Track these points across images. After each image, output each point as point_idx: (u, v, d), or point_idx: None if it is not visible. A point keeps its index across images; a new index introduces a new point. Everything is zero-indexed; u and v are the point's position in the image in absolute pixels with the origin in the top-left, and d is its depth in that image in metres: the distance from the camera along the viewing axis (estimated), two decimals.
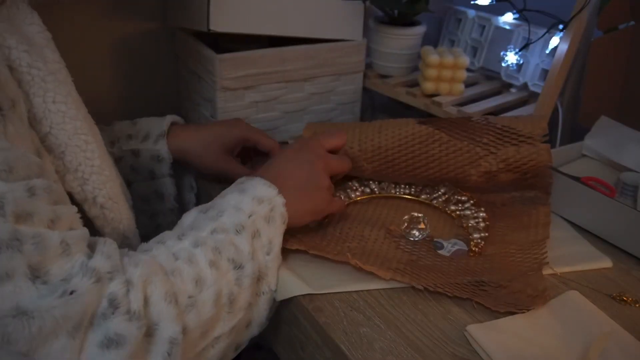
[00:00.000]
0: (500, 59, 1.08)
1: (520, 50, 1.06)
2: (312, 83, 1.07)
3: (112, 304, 0.53)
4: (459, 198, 0.87)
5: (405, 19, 1.12)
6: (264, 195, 0.70)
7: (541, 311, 0.67)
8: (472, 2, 1.13)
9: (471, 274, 0.72)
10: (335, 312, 0.67)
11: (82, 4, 1.04)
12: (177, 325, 0.57)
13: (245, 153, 0.95)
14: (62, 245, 0.53)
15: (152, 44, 1.14)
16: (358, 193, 0.89)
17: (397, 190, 0.90)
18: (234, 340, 0.66)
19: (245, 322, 0.67)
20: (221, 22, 0.96)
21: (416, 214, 0.81)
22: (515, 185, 0.88)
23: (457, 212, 0.86)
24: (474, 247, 0.78)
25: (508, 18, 1.13)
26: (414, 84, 1.12)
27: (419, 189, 0.90)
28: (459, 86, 1.06)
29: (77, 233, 0.56)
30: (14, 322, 0.49)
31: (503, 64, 1.08)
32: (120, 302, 0.54)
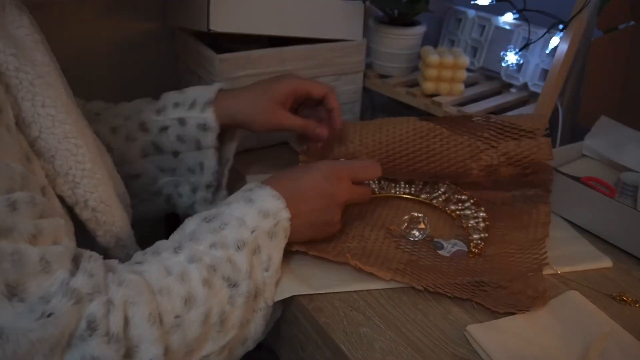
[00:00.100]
0: (500, 59, 1.08)
1: (520, 50, 1.06)
2: None
3: (90, 326, 0.52)
4: (459, 197, 0.87)
5: (405, 19, 1.12)
6: (270, 208, 0.68)
7: (541, 311, 0.67)
8: (472, 2, 1.13)
9: (471, 274, 0.72)
10: (335, 312, 0.67)
11: (82, 4, 1.04)
12: (158, 347, 0.56)
13: (306, 106, 0.92)
14: (42, 263, 0.52)
15: (152, 44, 1.14)
16: None
17: (397, 190, 0.90)
18: (227, 357, 0.65)
19: (240, 340, 0.66)
20: (221, 22, 0.96)
21: (416, 214, 0.81)
22: (515, 182, 0.88)
23: (457, 211, 0.86)
24: (474, 248, 0.78)
25: (508, 18, 1.13)
26: (414, 84, 1.11)
27: (418, 188, 0.90)
28: (459, 86, 1.06)
29: (59, 249, 0.54)
30: None
31: (503, 64, 1.08)
32: (99, 323, 0.52)
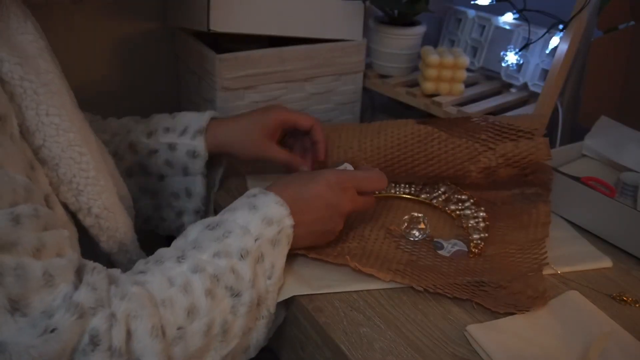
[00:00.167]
0: (500, 59, 1.08)
1: (520, 50, 1.06)
2: (312, 83, 1.07)
3: (92, 340, 0.52)
4: (459, 197, 0.87)
5: (405, 19, 1.12)
6: (274, 215, 0.68)
7: (541, 311, 0.67)
8: (472, 2, 1.13)
9: (471, 274, 0.72)
10: (335, 312, 0.67)
11: (83, 4, 1.04)
12: (161, 359, 0.56)
13: (291, 136, 0.93)
14: (45, 277, 0.51)
15: (152, 44, 1.14)
16: None
17: (397, 190, 0.90)
18: None
19: (242, 348, 0.65)
20: (221, 22, 0.96)
21: (416, 214, 0.81)
22: (515, 182, 0.88)
23: (457, 211, 0.86)
24: (474, 248, 0.78)
25: (508, 18, 1.13)
26: (414, 84, 1.12)
27: (418, 188, 0.90)
28: (459, 86, 1.06)
29: (62, 262, 0.54)
30: None
31: (503, 64, 1.08)
32: (101, 338, 0.52)
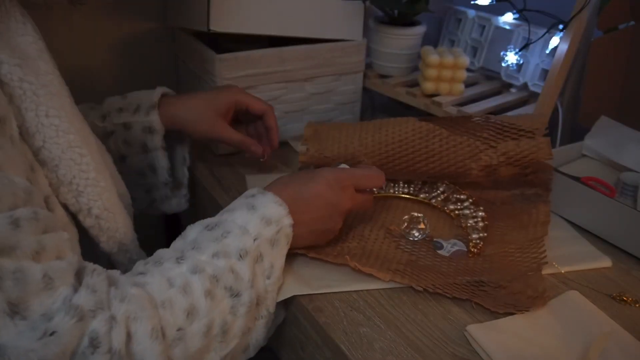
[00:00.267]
0: (500, 59, 1.08)
1: (520, 50, 1.06)
2: (312, 83, 1.07)
3: (92, 343, 0.52)
4: (458, 197, 0.87)
5: (405, 19, 1.12)
6: (273, 215, 0.68)
7: (541, 311, 0.67)
8: (472, 2, 1.13)
9: (470, 274, 0.72)
10: (335, 312, 0.67)
11: (82, 4, 1.04)
12: None
13: (244, 118, 0.95)
14: (45, 280, 0.51)
15: (152, 44, 1.14)
16: None
17: (396, 190, 0.90)
18: None
19: (242, 347, 0.65)
20: (221, 22, 0.96)
21: (416, 214, 0.81)
22: (515, 182, 0.88)
23: (456, 211, 0.86)
24: (473, 248, 0.78)
25: (508, 18, 1.13)
26: (414, 84, 1.12)
27: (417, 187, 0.90)
28: (459, 86, 1.06)
29: (62, 264, 0.54)
30: None
31: (503, 64, 1.08)
32: (101, 340, 0.52)
